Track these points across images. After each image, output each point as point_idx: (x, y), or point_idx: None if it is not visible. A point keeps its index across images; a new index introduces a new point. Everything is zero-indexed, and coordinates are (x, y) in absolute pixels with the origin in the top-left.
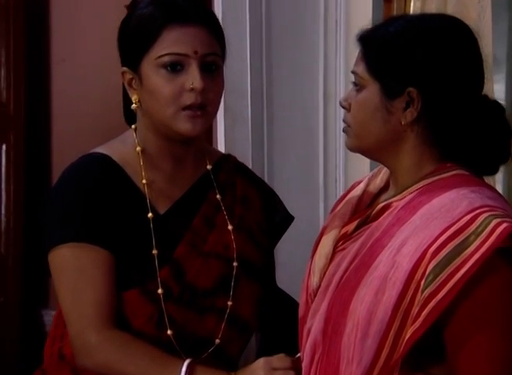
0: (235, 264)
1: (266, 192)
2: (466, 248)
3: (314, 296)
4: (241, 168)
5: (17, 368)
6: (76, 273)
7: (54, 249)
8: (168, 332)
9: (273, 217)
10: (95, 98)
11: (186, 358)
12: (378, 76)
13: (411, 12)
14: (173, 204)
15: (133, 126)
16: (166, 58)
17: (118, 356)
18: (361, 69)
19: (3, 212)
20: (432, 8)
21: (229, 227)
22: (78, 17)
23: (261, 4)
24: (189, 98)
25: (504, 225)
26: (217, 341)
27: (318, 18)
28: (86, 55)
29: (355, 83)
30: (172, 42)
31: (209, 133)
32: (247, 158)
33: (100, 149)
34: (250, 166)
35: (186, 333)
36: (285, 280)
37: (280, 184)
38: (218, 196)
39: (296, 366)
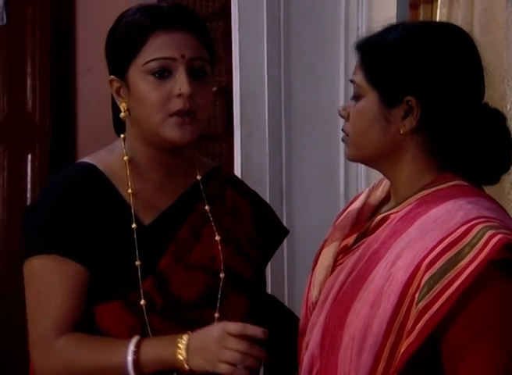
0: (222, 275)
1: (259, 205)
2: (461, 260)
3: (314, 309)
4: (233, 180)
5: None
6: (43, 283)
7: (27, 260)
8: None
9: (266, 230)
10: None
11: (173, 371)
12: (377, 84)
13: (438, 18)
14: (159, 214)
15: (122, 136)
16: (153, 64)
17: (71, 355)
18: (360, 78)
19: None
20: (459, 14)
21: (217, 238)
22: (103, 28)
23: (280, 10)
24: (177, 104)
25: (498, 236)
26: None
27: (338, 24)
28: None
29: (353, 92)
30: (159, 47)
31: (230, 142)
32: (264, 167)
33: (87, 158)
34: (267, 177)
35: None
36: (303, 291)
37: (300, 194)
38: (206, 207)
39: (254, 336)
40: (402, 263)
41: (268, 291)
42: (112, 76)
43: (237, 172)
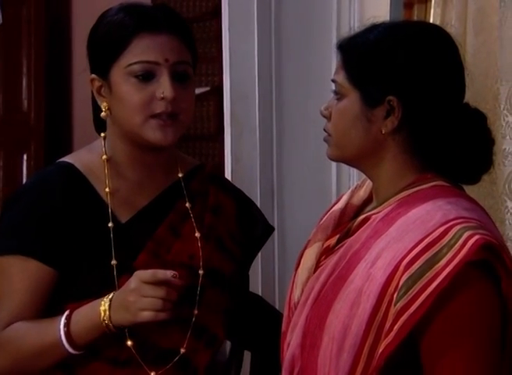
0: (201, 272)
1: (243, 203)
2: (438, 261)
3: (296, 310)
4: (216, 177)
5: None
6: (4, 281)
7: None
8: (128, 343)
9: (251, 228)
10: None
11: (150, 369)
12: (358, 84)
13: (431, 18)
14: (137, 212)
15: (102, 135)
16: (136, 67)
17: (14, 343)
18: (341, 78)
19: None
20: (452, 14)
21: (196, 234)
22: None
23: (271, 10)
24: (159, 107)
25: (476, 237)
26: (182, 350)
27: (330, 24)
28: None
29: (335, 92)
30: (143, 50)
31: (223, 142)
32: (255, 167)
33: (67, 158)
34: (258, 176)
35: (149, 343)
36: None
37: (291, 194)
38: (187, 204)
39: (166, 280)
40: (381, 264)
41: (259, 289)
42: (93, 75)
43: (228, 172)
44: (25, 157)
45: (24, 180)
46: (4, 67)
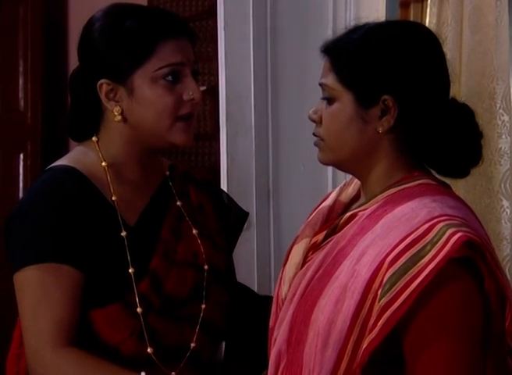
0: (206, 267)
1: (216, 195)
2: (422, 258)
3: (283, 305)
4: (189, 176)
5: None
6: (38, 290)
7: (19, 271)
8: (149, 350)
9: (225, 218)
10: None
11: (168, 369)
12: (351, 85)
13: (428, 17)
14: (139, 214)
15: (94, 139)
16: (165, 70)
17: (73, 374)
18: (331, 81)
19: None
20: (448, 13)
21: (194, 232)
22: None
23: (266, 9)
24: (185, 108)
25: (458, 234)
26: (192, 345)
27: (326, 24)
28: None
29: (325, 96)
30: (170, 54)
31: (218, 141)
32: (250, 167)
33: (64, 161)
34: (253, 176)
35: (166, 343)
36: None
37: (287, 194)
38: (178, 203)
39: None
40: (366, 260)
41: (255, 289)
42: (102, 80)
43: (223, 172)
44: (21, 157)
45: (21, 180)
46: (0, 67)
